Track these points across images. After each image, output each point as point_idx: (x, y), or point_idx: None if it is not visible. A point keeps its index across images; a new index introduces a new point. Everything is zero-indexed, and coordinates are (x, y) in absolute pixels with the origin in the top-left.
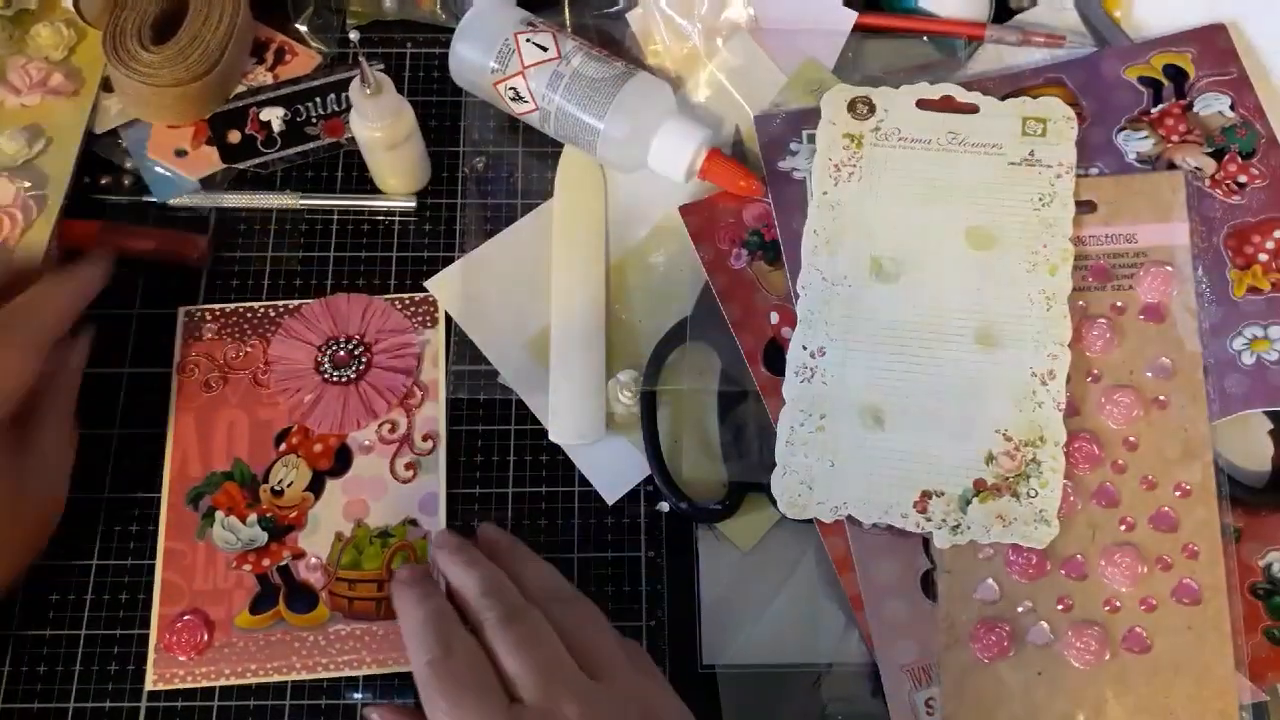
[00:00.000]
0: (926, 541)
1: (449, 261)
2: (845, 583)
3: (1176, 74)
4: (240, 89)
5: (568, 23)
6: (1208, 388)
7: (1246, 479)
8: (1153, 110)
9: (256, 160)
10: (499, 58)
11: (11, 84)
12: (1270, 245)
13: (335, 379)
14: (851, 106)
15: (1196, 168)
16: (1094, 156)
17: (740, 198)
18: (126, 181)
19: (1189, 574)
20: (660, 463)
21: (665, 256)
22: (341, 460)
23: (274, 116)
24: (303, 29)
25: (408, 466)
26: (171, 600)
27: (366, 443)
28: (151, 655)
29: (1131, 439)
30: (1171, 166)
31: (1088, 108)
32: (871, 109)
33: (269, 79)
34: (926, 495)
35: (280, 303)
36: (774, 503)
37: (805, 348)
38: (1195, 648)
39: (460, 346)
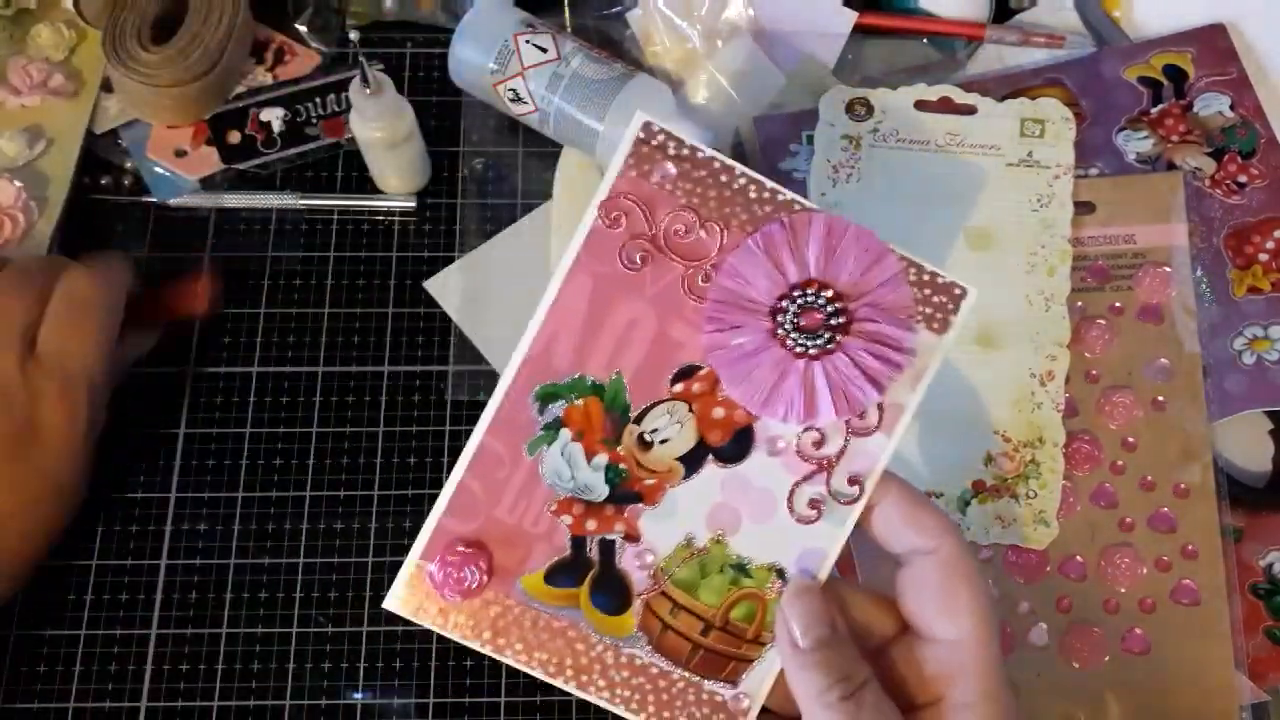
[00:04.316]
0: None
1: (449, 261)
2: None
3: (1176, 74)
4: (240, 89)
5: (567, 24)
6: (1208, 388)
7: (1247, 479)
8: (1152, 110)
9: (256, 161)
10: (498, 59)
11: (12, 85)
12: (1270, 245)
13: (788, 343)
14: (850, 108)
15: (1196, 168)
16: (1094, 156)
17: None
18: (126, 182)
19: (1188, 575)
20: None
21: None
22: (739, 444)
23: (274, 117)
24: (302, 29)
25: (812, 504)
26: (461, 514)
27: (780, 440)
28: (408, 570)
29: (1130, 440)
30: (1171, 167)
31: (1087, 108)
32: (870, 110)
33: (268, 79)
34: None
35: (768, 184)
36: None
37: None
38: (1195, 648)
39: (460, 347)
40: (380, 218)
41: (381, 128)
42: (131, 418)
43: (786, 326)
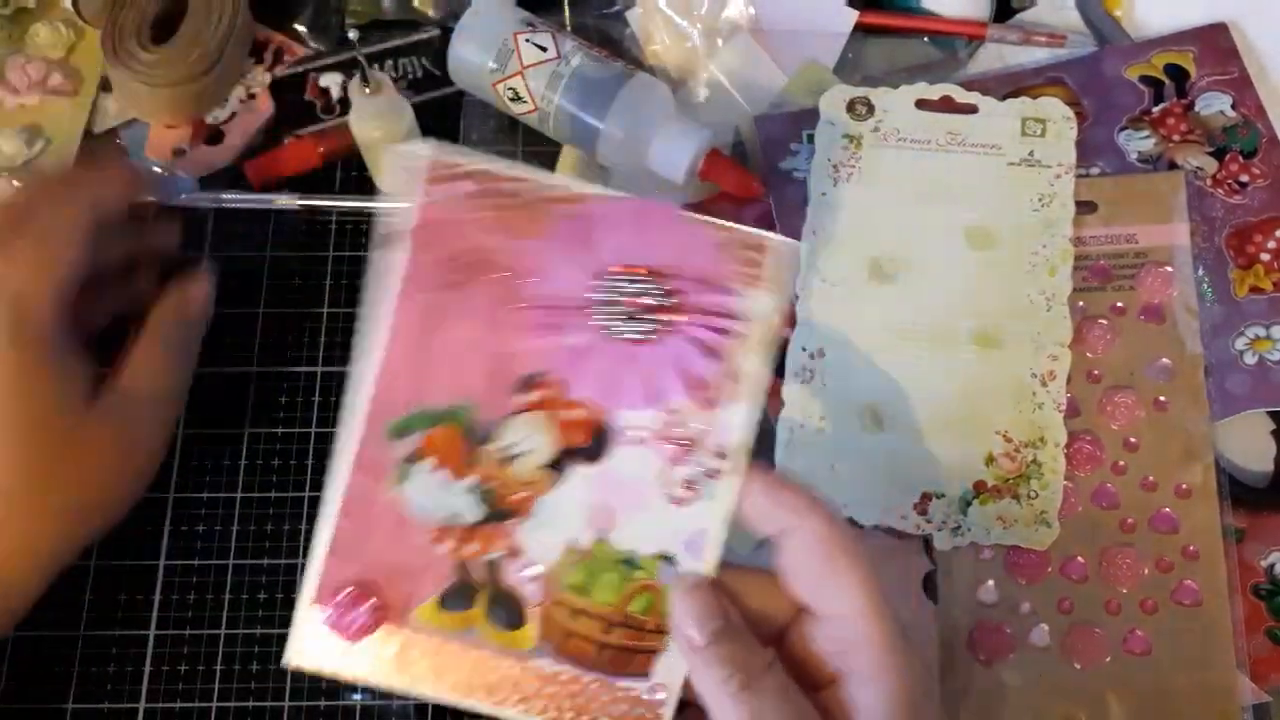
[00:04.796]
0: (928, 542)
1: None
2: None
3: (1178, 73)
4: (297, 55)
5: (567, 23)
6: (1209, 388)
7: (1249, 479)
8: (1154, 110)
9: (315, 128)
10: (498, 58)
11: (10, 84)
12: (1272, 245)
13: (620, 331)
14: (850, 107)
15: (1198, 167)
16: (1095, 156)
17: (740, 198)
18: None
19: (1189, 575)
20: None
21: None
22: (600, 441)
23: (333, 83)
24: (301, 29)
25: (686, 484)
26: (342, 558)
27: (640, 429)
28: (299, 624)
29: (1132, 440)
30: (1173, 166)
31: (1089, 107)
32: (870, 109)
33: (267, 79)
34: (926, 497)
35: (561, 180)
36: None
37: (805, 349)
38: (1196, 649)
39: None
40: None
41: (381, 127)
42: None
43: (614, 316)
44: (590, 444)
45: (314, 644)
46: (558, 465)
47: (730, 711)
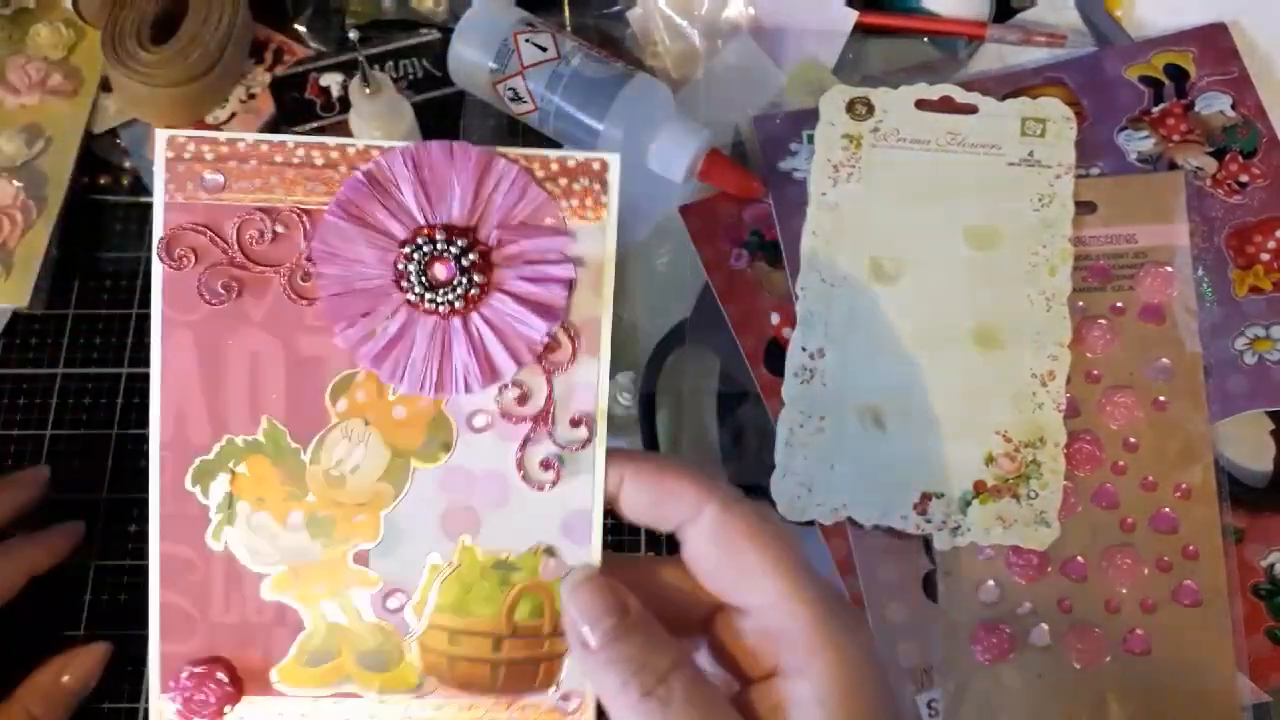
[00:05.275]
0: (928, 542)
1: None
2: (846, 585)
3: (1177, 73)
4: (299, 55)
5: (567, 23)
6: (1209, 388)
7: (1249, 479)
8: (1154, 110)
9: (314, 125)
10: (498, 58)
11: (11, 84)
12: (1271, 245)
13: (430, 305)
14: (850, 107)
15: (1198, 167)
16: (1095, 156)
17: (740, 198)
18: (125, 181)
19: (1189, 575)
20: None
21: (665, 257)
22: (438, 436)
23: (333, 82)
24: (301, 29)
25: (545, 465)
26: (177, 635)
27: (480, 413)
28: (153, 714)
29: (1132, 440)
30: (1173, 166)
31: (1088, 107)
32: (870, 110)
33: (267, 79)
34: (926, 497)
35: (330, 142)
36: (774, 505)
37: (805, 349)
38: (1196, 649)
39: None
40: None
41: (381, 127)
42: (132, 420)
43: (418, 290)
44: (427, 442)
45: None
46: (396, 474)
47: None
